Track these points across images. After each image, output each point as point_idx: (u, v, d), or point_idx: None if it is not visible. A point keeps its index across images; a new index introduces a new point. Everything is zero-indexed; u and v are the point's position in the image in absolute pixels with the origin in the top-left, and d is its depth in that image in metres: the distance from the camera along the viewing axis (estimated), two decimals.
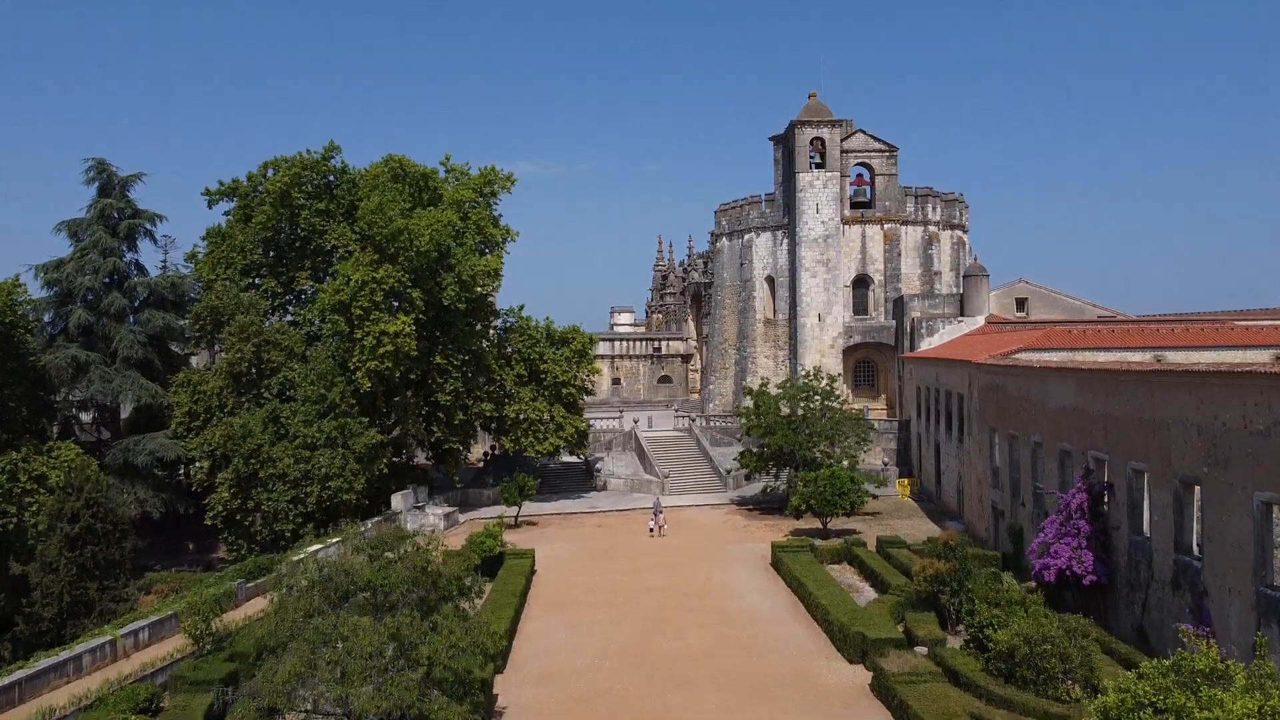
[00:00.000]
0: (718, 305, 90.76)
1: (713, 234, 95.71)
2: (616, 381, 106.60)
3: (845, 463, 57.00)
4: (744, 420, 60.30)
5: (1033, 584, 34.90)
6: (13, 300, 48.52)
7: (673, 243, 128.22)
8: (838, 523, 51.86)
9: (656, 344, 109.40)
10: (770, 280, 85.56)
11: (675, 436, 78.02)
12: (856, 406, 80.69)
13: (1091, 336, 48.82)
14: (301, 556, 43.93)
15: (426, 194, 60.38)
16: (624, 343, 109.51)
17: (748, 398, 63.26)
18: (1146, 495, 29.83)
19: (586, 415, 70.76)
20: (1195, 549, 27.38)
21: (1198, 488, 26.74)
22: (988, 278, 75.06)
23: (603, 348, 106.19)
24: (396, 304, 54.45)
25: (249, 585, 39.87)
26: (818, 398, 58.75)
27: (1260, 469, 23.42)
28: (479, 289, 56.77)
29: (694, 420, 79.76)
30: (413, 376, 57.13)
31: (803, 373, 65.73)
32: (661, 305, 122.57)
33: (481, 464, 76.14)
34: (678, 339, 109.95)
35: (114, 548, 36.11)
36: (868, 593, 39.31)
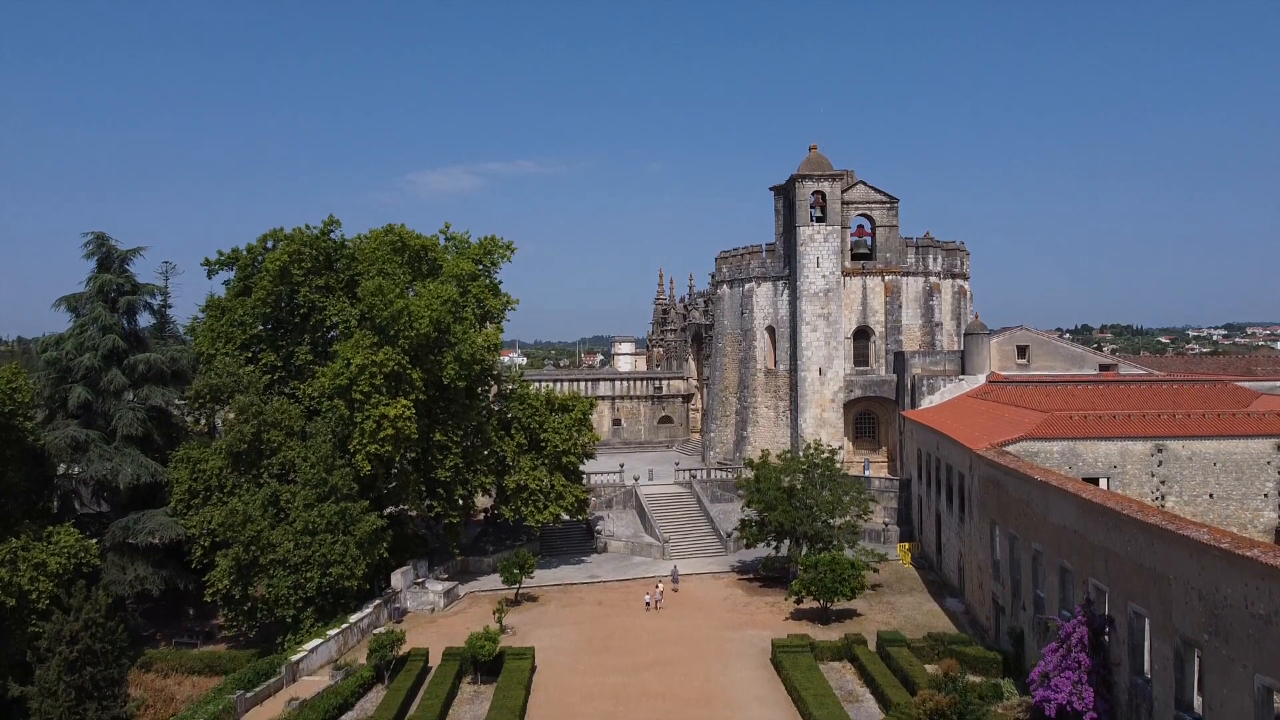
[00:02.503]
0: (718, 352, 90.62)
1: (713, 278, 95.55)
2: (617, 422, 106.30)
3: (844, 526, 57.15)
4: (744, 493, 60.20)
5: (1033, 702, 34.82)
6: (12, 389, 48.47)
7: (674, 279, 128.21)
8: (839, 602, 51.75)
9: (657, 384, 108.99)
10: (771, 330, 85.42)
11: (676, 493, 77.90)
12: (857, 459, 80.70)
13: (1093, 425, 48.62)
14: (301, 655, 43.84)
15: (425, 265, 60.44)
16: (624, 382, 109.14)
17: (748, 469, 63.11)
18: (1148, 641, 29.70)
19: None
20: (1197, 707, 27.25)
21: (1198, 650, 26.61)
22: (988, 335, 74.98)
23: (603, 388, 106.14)
24: (396, 385, 54.25)
25: (248, 696, 39.78)
26: (819, 470, 58.68)
27: (1262, 652, 23.25)
28: (478, 367, 56.68)
29: (694, 475, 79.63)
30: (412, 455, 57.07)
31: (804, 445, 65.49)
32: (662, 340, 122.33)
33: (484, 515, 75.84)
34: (678, 378, 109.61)
35: (113, 667, 36.04)
36: (869, 704, 39.21)
